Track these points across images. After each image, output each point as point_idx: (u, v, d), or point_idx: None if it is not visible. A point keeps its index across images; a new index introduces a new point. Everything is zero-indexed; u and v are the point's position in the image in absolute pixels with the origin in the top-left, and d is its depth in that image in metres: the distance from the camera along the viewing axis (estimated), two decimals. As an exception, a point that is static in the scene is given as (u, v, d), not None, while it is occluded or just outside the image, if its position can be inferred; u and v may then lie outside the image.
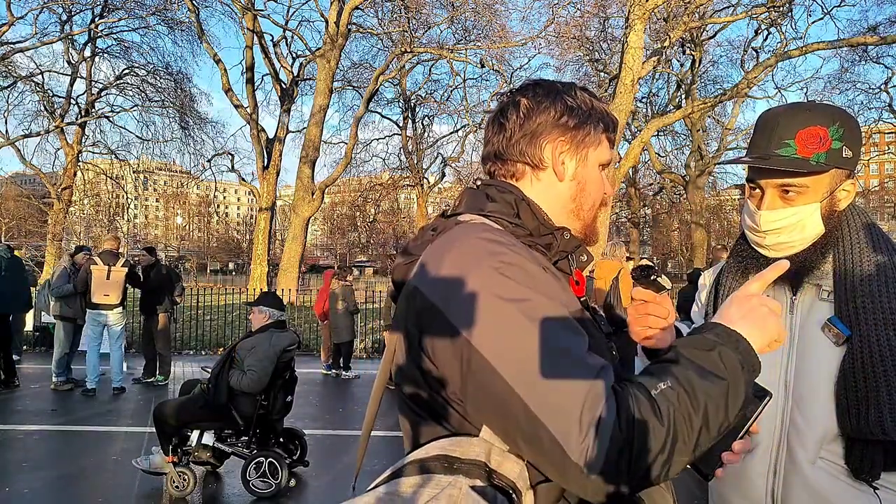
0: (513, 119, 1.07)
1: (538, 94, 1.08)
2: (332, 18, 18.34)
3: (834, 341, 1.28)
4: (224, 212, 78.84)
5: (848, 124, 1.30)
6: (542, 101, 1.07)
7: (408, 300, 0.95)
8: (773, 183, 1.32)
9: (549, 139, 1.06)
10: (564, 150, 1.07)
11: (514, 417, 0.82)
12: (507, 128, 1.07)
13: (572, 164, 1.07)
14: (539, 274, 0.91)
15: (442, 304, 0.89)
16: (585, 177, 1.09)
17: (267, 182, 20.26)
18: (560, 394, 0.80)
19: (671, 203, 32.18)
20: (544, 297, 0.88)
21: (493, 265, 0.89)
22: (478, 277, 0.88)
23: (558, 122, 1.06)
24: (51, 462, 5.08)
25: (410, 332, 0.93)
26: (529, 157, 1.06)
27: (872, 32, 16.60)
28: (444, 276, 0.91)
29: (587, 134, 1.07)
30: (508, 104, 1.09)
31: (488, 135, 1.11)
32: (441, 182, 31.06)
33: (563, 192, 1.08)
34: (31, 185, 35.62)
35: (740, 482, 1.39)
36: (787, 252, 1.35)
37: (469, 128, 25.80)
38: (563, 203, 1.08)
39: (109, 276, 7.62)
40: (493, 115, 1.12)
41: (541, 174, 1.07)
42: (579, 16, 17.30)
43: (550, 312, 0.87)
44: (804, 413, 1.31)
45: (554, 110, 1.06)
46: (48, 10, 19.10)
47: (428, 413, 0.94)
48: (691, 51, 22.43)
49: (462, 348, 0.86)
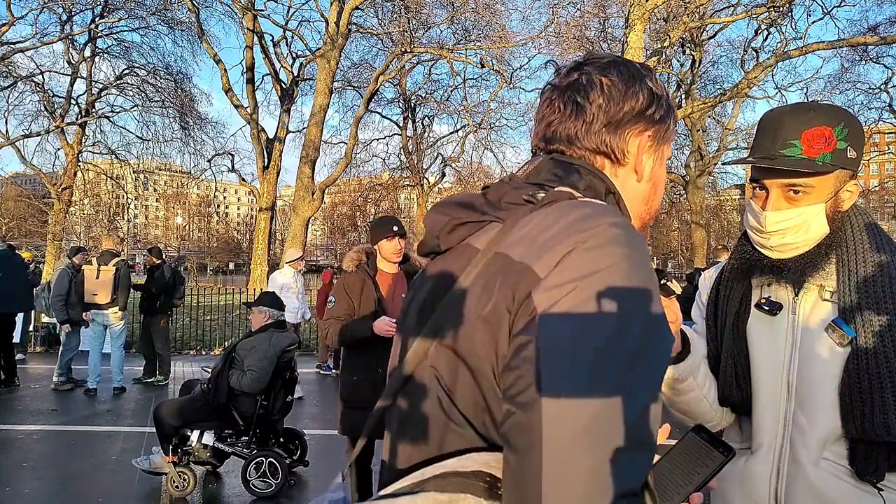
0: (596, 102, 0.90)
1: (623, 76, 0.91)
2: (332, 18, 18.33)
3: (838, 343, 1.27)
4: (224, 212, 78.87)
5: (852, 125, 1.30)
6: (630, 85, 0.91)
7: (512, 279, 0.75)
8: (779, 183, 1.32)
9: (635, 132, 0.91)
10: (648, 145, 0.93)
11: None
12: (587, 111, 0.90)
13: (650, 162, 0.94)
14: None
15: (560, 300, 0.71)
16: (659, 177, 0.96)
17: (267, 182, 20.26)
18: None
19: (671, 203, 32.13)
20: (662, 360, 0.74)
21: (643, 287, 0.72)
22: (627, 302, 0.71)
23: (645, 113, 0.91)
24: (51, 462, 5.08)
25: (500, 313, 0.75)
26: (613, 149, 0.91)
27: (872, 32, 16.61)
28: (584, 281, 0.71)
29: (668, 128, 0.95)
30: (585, 82, 0.91)
31: (551, 113, 0.93)
32: (441, 182, 31.04)
33: (638, 193, 0.95)
34: (31, 185, 35.63)
35: (743, 484, 1.38)
36: (792, 253, 1.34)
37: (469, 128, 25.79)
38: (636, 205, 0.95)
39: (98, 276, 7.64)
40: (559, 89, 0.93)
41: (619, 170, 0.92)
42: (579, 16, 17.29)
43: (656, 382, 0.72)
44: (807, 414, 1.30)
45: (642, 97, 0.91)
46: (48, 10, 19.08)
47: (479, 421, 0.77)
48: (691, 51, 22.43)
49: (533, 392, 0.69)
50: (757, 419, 1.37)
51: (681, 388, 1.41)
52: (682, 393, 1.42)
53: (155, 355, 8.41)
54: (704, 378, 1.44)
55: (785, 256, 1.35)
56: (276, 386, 4.59)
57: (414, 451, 0.82)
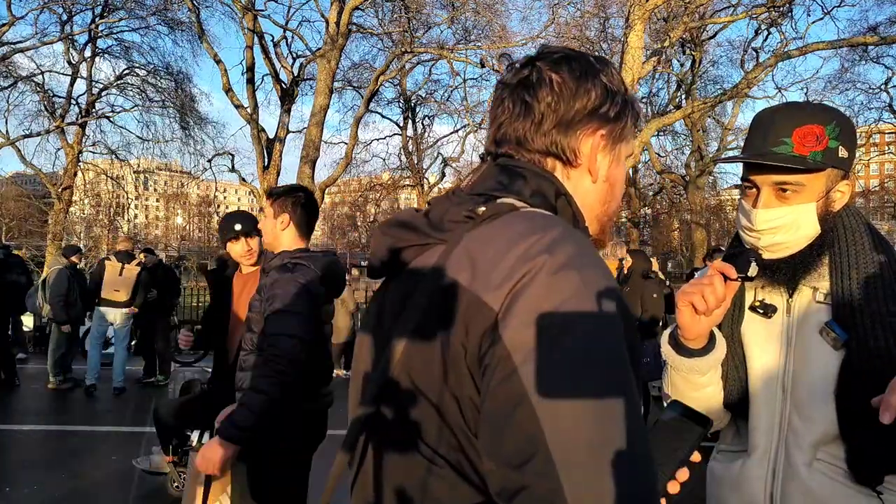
0: (545, 100, 0.85)
1: (575, 72, 0.86)
2: (332, 19, 18.34)
3: (832, 345, 1.27)
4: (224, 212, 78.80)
5: (844, 124, 1.30)
6: (582, 82, 0.86)
7: (461, 309, 0.72)
8: (770, 181, 1.31)
9: (587, 131, 0.87)
10: (602, 144, 0.88)
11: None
12: (535, 110, 0.85)
13: (605, 162, 0.90)
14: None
15: (537, 341, 0.67)
16: (617, 177, 0.92)
17: (267, 182, 20.24)
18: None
19: (671, 203, 32.11)
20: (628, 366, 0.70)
21: (602, 297, 0.69)
22: (586, 321, 0.68)
23: (598, 111, 0.87)
24: (50, 462, 5.09)
25: (456, 350, 0.72)
26: (563, 150, 0.86)
27: (872, 32, 16.58)
28: (540, 303, 0.68)
29: (624, 126, 0.89)
30: (535, 78, 0.86)
31: (501, 113, 0.89)
32: (441, 182, 31.05)
33: (594, 194, 0.90)
34: (32, 185, 35.58)
35: (740, 486, 1.38)
36: (783, 253, 1.34)
37: (469, 128, 25.79)
38: (591, 206, 0.90)
39: (122, 273, 7.65)
40: (510, 87, 0.89)
41: (572, 171, 0.88)
42: (579, 16, 17.29)
43: (630, 392, 0.68)
44: (802, 416, 1.30)
45: (594, 94, 0.86)
46: (48, 11, 19.09)
47: (454, 460, 0.74)
48: (691, 51, 22.43)
49: (523, 406, 0.66)
50: (753, 421, 1.36)
51: (700, 381, 1.36)
52: (698, 387, 1.38)
53: (155, 355, 8.41)
54: (719, 377, 1.42)
55: (776, 256, 1.34)
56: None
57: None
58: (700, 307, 1.23)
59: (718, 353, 1.34)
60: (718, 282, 1.22)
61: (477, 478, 0.73)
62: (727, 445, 1.47)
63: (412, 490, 0.76)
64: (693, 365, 1.33)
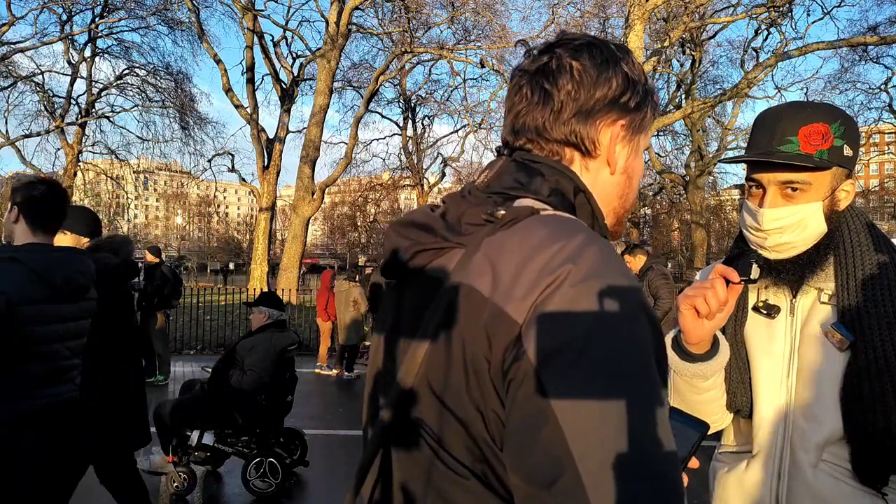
0: (565, 88, 0.82)
1: (596, 60, 0.83)
2: (332, 18, 18.34)
3: (837, 346, 1.26)
4: (224, 212, 78.84)
5: (848, 123, 1.29)
6: (603, 69, 0.83)
7: (483, 320, 0.70)
8: (776, 179, 1.30)
9: (607, 121, 0.84)
10: (622, 135, 0.85)
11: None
12: (555, 98, 0.82)
13: (624, 153, 0.86)
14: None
15: (562, 355, 0.65)
16: (635, 169, 0.89)
17: (267, 182, 20.26)
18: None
19: (671, 203, 32.14)
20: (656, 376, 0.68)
21: (635, 308, 0.68)
22: (618, 329, 0.66)
23: (619, 101, 0.84)
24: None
25: (479, 362, 0.70)
26: (582, 139, 0.83)
27: (872, 32, 16.61)
28: (572, 314, 0.66)
29: (644, 117, 0.87)
30: (555, 66, 0.83)
31: (520, 101, 0.85)
32: (441, 182, 31.06)
33: (612, 186, 0.87)
34: (31, 186, 35.55)
35: (744, 487, 1.37)
36: (790, 253, 1.33)
37: (469, 128, 25.80)
38: (609, 199, 0.88)
39: None
40: (528, 74, 0.85)
41: (591, 162, 0.85)
42: (579, 16, 17.29)
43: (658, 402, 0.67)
44: (808, 417, 1.29)
45: (615, 83, 0.83)
46: (48, 10, 19.11)
47: (479, 472, 0.73)
48: (691, 51, 22.45)
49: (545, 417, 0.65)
50: (757, 423, 1.35)
51: (703, 385, 1.35)
52: (701, 391, 1.36)
53: (154, 355, 8.40)
54: (722, 380, 1.40)
55: (783, 256, 1.33)
56: (277, 386, 4.59)
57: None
58: (702, 310, 1.22)
59: (722, 358, 1.33)
60: (720, 285, 1.21)
61: (504, 490, 0.71)
62: (730, 446, 1.46)
63: (436, 502, 0.75)
64: (697, 370, 1.32)
